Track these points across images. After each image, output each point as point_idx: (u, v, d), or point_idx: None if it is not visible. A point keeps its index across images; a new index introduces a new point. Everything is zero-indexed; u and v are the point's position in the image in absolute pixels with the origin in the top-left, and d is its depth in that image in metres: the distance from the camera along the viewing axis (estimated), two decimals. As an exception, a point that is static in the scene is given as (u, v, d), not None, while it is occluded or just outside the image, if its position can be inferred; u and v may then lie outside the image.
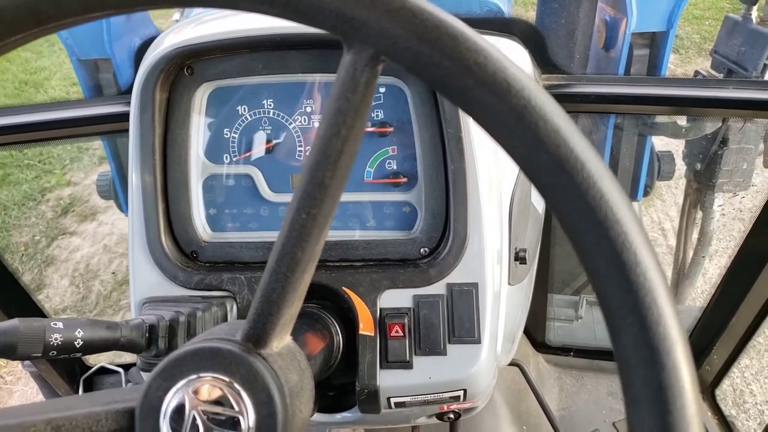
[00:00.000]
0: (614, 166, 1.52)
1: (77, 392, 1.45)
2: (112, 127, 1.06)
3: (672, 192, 3.20)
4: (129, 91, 1.52)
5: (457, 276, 0.70)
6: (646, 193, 1.57)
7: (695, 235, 1.72)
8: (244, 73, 0.72)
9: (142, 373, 0.73)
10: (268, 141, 0.74)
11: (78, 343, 0.56)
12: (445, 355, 0.69)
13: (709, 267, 2.53)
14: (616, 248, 0.29)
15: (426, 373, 0.69)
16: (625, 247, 0.29)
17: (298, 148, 0.74)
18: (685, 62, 4.54)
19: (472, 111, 0.32)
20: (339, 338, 0.70)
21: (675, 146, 1.78)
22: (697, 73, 1.60)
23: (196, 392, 0.40)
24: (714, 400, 1.36)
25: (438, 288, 0.70)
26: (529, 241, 0.91)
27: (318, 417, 0.77)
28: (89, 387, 1.43)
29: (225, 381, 0.40)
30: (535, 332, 1.48)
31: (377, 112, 0.73)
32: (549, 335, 1.50)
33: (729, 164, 1.47)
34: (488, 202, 0.71)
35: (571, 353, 1.48)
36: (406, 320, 0.69)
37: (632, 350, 0.29)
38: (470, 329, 0.69)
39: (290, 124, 0.74)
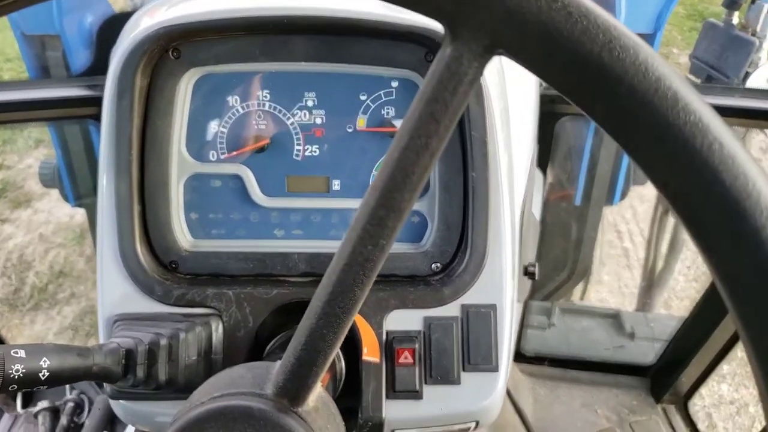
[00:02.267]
0: (593, 169, 1.49)
1: (13, 401, 1.31)
2: (65, 112, 0.94)
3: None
4: (84, 73, 1.39)
5: (473, 296, 0.63)
6: (622, 197, 1.55)
7: (665, 242, 1.72)
8: (239, 58, 0.62)
9: (111, 401, 0.63)
10: (262, 138, 0.65)
11: (43, 375, 0.47)
12: (459, 384, 0.62)
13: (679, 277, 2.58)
14: None
15: (437, 404, 0.62)
16: None
17: (296, 147, 0.66)
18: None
19: (616, 128, 0.25)
20: (341, 364, 0.62)
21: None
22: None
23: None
24: (687, 412, 1.35)
25: (452, 309, 0.63)
26: (532, 252, 0.85)
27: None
28: (28, 398, 1.29)
29: None
30: (510, 341, 1.44)
31: (387, 108, 0.65)
32: (523, 344, 1.46)
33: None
34: (508, 214, 0.65)
35: (546, 362, 1.44)
36: (416, 345, 0.62)
37: None
38: (487, 356, 0.63)
39: (288, 119, 0.65)
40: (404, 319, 0.63)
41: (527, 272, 0.76)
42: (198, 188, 0.66)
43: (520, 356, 1.46)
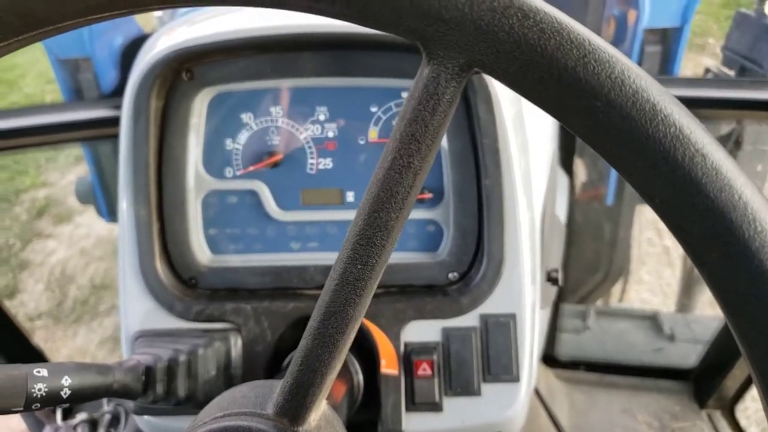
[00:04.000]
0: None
1: (53, 414, 1.35)
2: (96, 132, 0.97)
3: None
4: (113, 95, 1.43)
5: (492, 305, 0.62)
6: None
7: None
8: (251, 76, 0.63)
9: (135, 417, 0.65)
10: (276, 153, 0.66)
11: (65, 393, 0.48)
12: (479, 395, 0.62)
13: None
14: None
15: (458, 417, 0.62)
16: None
17: (310, 161, 0.66)
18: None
19: (598, 142, 0.24)
20: (359, 377, 0.62)
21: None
22: (707, 70, 1.54)
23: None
24: (734, 418, 1.30)
25: (470, 319, 0.62)
26: (556, 257, 0.84)
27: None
28: (67, 410, 1.33)
29: None
30: (545, 346, 1.41)
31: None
32: (557, 348, 1.43)
33: (743, 166, 1.42)
34: (525, 220, 0.64)
35: (581, 367, 1.41)
36: (434, 357, 0.62)
37: None
38: (507, 366, 0.62)
39: (301, 134, 0.66)
40: (422, 330, 0.63)
41: (550, 278, 0.75)
42: (215, 205, 0.67)
43: (554, 361, 1.43)
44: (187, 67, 0.62)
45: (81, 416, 1.25)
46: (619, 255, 1.65)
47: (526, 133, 0.67)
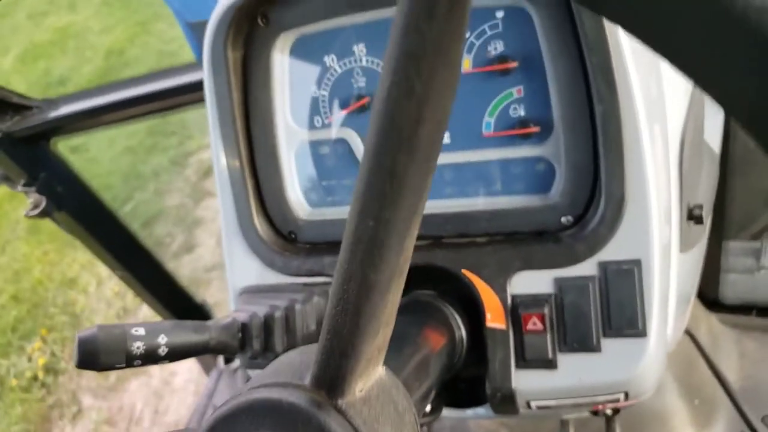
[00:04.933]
0: None
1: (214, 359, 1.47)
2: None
3: None
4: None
5: (612, 251, 0.54)
6: None
7: None
8: (328, 14, 0.59)
9: (248, 371, 0.66)
10: (363, 96, 0.61)
11: (162, 351, 0.49)
12: (600, 352, 0.54)
13: None
14: None
15: (574, 375, 0.55)
16: None
17: (401, 101, 0.61)
18: None
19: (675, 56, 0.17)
20: (461, 332, 0.57)
21: None
22: None
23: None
24: None
25: (587, 268, 0.55)
26: (704, 190, 0.71)
27: (446, 412, 0.66)
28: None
29: None
30: (705, 288, 1.24)
31: (495, 44, 0.57)
32: (723, 291, 1.26)
33: None
34: (651, 150, 0.54)
35: (753, 312, 1.23)
36: (546, 310, 0.55)
37: None
38: (632, 319, 0.53)
39: (388, 72, 0.60)
40: (532, 282, 0.56)
41: (692, 216, 0.63)
42: (308, 157, 0.64)
43: (719, 305, 1.26)
44: (261, 12, 0.59)
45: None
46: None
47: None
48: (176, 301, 1.30)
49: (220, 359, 1.48)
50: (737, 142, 1.17)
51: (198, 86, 0.95)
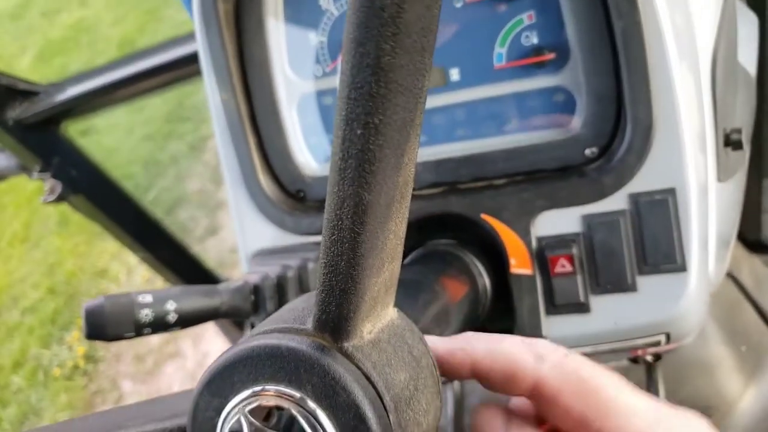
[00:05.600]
0: None
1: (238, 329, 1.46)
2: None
3: None
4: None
5: (643, 182, 0.50)
6: None
7: None
8: (319, -48, 0.55)
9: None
10: None
11: (172, 317, 0.47)
12: (635, 291, 0.50)
13: None
14: None
15: (609, 318, 0.51)
16: None
17: (405, 41, 0.57)
18: None
19: None
20: (484, 280, 0.54)
21: None
22: None
23: (256, 414, 0.27)
24: None
25: (616, 202, 0.50)
26: (741, 116, 0.66)
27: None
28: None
29: (294, 397, 0.26)
30: (746, 229, 1.18)
31: (501, -32, 0.53)
32: (766, 231, 1.20)
33: None
34: (680, 70, 0.49)
35: (798, 251, 1.17)
36: (574, 250, 0.51)
37: None
38: (670, 253, 0.49)
39: (389, 10, 0.56)
40: (557, 221, 0.52)
41: (730, 141, 0.58)
42: (312, 109, 0.61)
43: (761, 246, 1.20)
44: (248, -43, 0.55)
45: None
46: None
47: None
48: (199, 278, 1.29)
49: (247, 333, 1.48)
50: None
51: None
